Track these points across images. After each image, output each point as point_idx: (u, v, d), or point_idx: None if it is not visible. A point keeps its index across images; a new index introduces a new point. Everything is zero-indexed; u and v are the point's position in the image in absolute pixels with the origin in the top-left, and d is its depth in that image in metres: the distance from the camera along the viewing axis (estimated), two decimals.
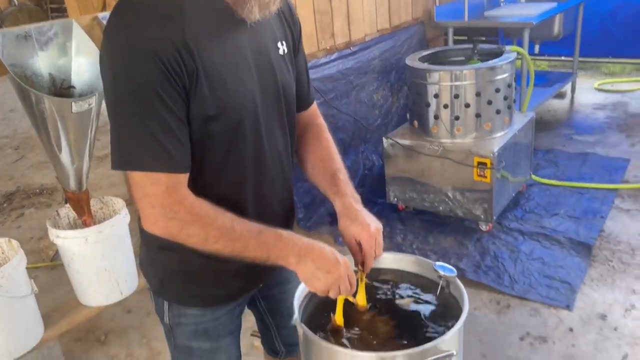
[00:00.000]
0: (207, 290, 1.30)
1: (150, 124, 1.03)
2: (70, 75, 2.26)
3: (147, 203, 1.08)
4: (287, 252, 1.12)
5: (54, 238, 2.33)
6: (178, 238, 1.10)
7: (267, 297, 1.52)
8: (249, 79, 1.16)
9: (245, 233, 1.10)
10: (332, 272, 1.12)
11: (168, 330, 1.36)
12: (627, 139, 4.33)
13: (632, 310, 2.48)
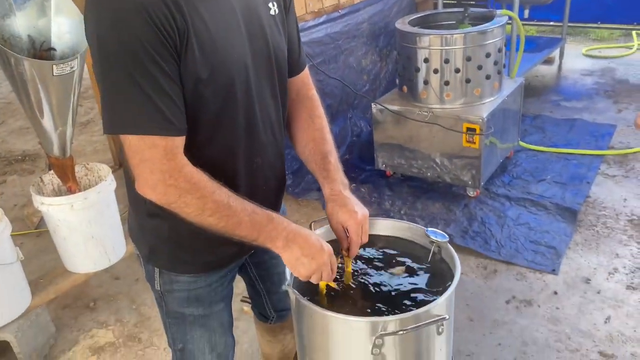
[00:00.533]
0: (198, 257, 1.28)
1: (144, 84, 0.99)
2: (50, 37, 2.18)
3: (146, 168, 1.04)
4: (276, 235, 1.13)
5: (38, 205, 2.30)
6: (174, 206, 1.08)
7: (258, 264, 1.52)
8: (239, 41, 1.13)
9: (240, 210, 1.10)
10: (316, 259, 1.14)
11: (159, 296, 1.36)
12: (614, 105, 4.35)
13: (615, 274, 2.53)
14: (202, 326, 1.37)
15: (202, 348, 1.39)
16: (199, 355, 1.39)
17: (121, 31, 0.97)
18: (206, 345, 1.39)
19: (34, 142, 4.61)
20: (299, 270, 1.15)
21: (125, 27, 0.96)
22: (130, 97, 1.00)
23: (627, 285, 2.45)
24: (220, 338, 1.41)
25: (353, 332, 1.12)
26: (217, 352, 1.42)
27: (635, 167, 3.40)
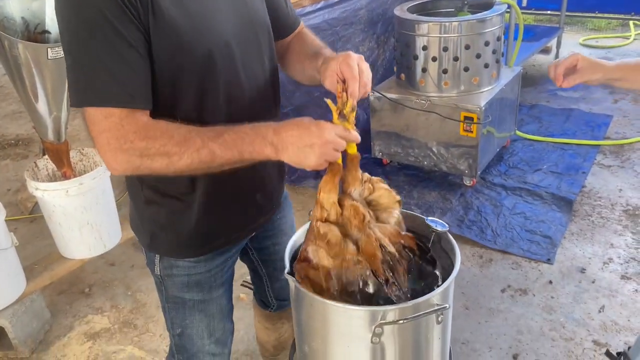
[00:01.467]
0: (197, 241, 1.28)
1: (104, 57, 0.98)
2: (44, 19, 2.15)
3: (103, 140, 1.01)
4: (260, 145, 1.03)
5: (33, 190, 2.27)
6: (143, 168, 1.03)
7: (261, 249, 1.52)
8: (216, 9, 1.11)
9: (207, 139, 1.02)
10: (316, 142, 1.01)
11: (159, 282, 1.36)
12: (610, 95, 4.35)
13: (610, 264, 2.54)
14: (201, 311, 1.36)
15: (201, 333, 1.39)
16: (197, 340, 1.39)
17: (82, 4, 0.97)
18: (205, 330, 1.39)
19: (28, 126, 4.56)
20: (307, 163, 1.03)
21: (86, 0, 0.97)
22: (89, 70, 0.99)
23: (622, 275, 2.47)
24: (219, 323, 1.41)
25: (353, 321, 1.12)
26: (216, 337, 1.42)
27: (631, 158, 3.41)
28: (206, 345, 1.41)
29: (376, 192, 1.25)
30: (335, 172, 1.14)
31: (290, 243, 1.28)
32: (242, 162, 1.05)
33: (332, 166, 1.13)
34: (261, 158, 1.04)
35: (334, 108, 1.11)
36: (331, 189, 1.16)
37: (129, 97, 1.01)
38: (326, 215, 1.17)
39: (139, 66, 1.02)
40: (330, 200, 1.17)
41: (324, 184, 1.16)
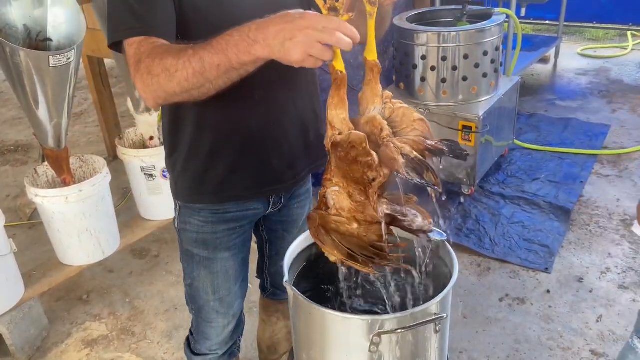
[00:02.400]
0: (207, 188, 1.37)
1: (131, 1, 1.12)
2: (46, 27, 2.16)
3: (131, 68, 1.11)
4: (244, 45, 0.96)
5: (32, 197, 2.28)
6: (153, 87, 1.07)
7: (271, 230, 1.60)
8: None
9: (198, 48, 1.02)
10: (296, 35, 0.91)
11: (178, 234, 1.51)
12: (608, 105, 4.37)
13: (608, 273, 2.55)
14: (206, 268, 1.47)
15: (206, 288, 1.50)
16: (203, 295, 1.51)
17: None
18: (209, 286, 1.49)
19: (27, 132, 4.57)
20: (291, 59, 0.92)
21: None
22: (118, 12, 1.15)
23: (619, 284, 2.47)
24: (223, 283, 1.50)
25: (351, 330, 1.12)
26: (220, 296, 1.51)
27: (628, 168, 3.43)
28: (211, 301, 1.51)
29: (396, 112, 1.12)
30: (339, 84, 1.03)
31: (290, 249, 1.29)
32: (234, 69, 1.00)
33: (334, 77, 1.03)
34: (251, 59, 0.97)
35: (320, 2, 0.97)
36: (338, 103, 1.05)
37: (147, 28, 1.12)
38: (335, 136, 1.05)
39: (160, 5, 1.14)
40: (341, 117, 1.06)
41: (331, 99, 1.05)
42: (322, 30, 0.90)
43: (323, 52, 0.92)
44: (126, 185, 3.04)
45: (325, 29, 0.90)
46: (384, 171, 1.03)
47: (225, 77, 1.02)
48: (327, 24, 0.90)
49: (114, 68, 4.93)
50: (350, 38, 0.91)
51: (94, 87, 3.72)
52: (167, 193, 2.64)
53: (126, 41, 1.13)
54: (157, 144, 2.72)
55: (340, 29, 0.90)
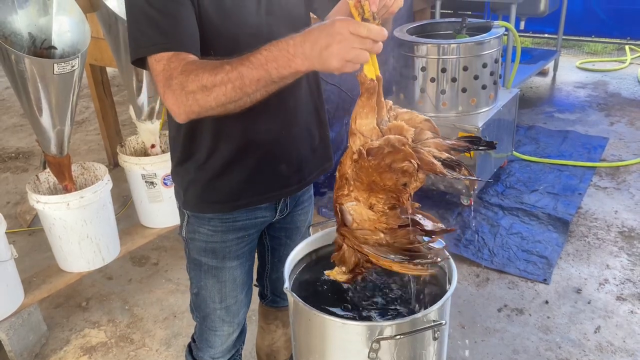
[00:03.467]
0: (219, 197, 1.38)
1: (153, 14, 1.12)
2: (51, 35, 2.19)
3: (159, 83, 1.11)
4: (284, 60, 1.00)
5: (34, 203, 2.29)
6: (188, 103, 1.08)
7: (274, 237, 1.62)
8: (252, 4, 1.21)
9: (235, 63, 1.04)
10: (330, 43, 0.94)
11: (185, 243, 1.51)
12: (606, 118, 4.40)
13: (606, 285, 2.56)
14: (214, 276, 1.48)
15: (213, 297, 1.51)
16: (209, 303, 1.52)
17: None
18: (216, 294, 1.50)
19: (28, 139, 4.59)
20: (330, 67, 0.96)
21: None
22: (140, 25, 1.14)
23: (617, 296, 2.48)
24: (230, 292, 1.51)
25: (350, 336, 1.13)
26: (226, 304, 1.52)
27: (626, 180, 3.45)
28: (217, 309, 1.52)
29: (400, 117, 1.14)
30: (371, 92, 1.04)
31: (291, 256, 1.30)
32: (274, 83, 1.03)
33: (365, 86, 1.03)
34: (291, 72, 1.01)
35: (355, 12, 0.99)
36: (368, 112, 1.05)
37: (173, 43, 1.12)
38: (369, 143, 1.05)
39: (184, 18, 1.14)
40: (370, 126, 1.06)
41: (360, 108, 1.05)
42: (354, 36, 0.93)
43: (359, 56, 0.95)
44: (127, 192, 3.06)
45: (356, 35, 0.93)
46: (420, 175, 1.05)
47: (263, 90, 1.05)
48: (357, 29, 0.93)
49: (116, 77, 4.97)
50: (380, 40, 0.95)
51: (96, 95, 3.74)
52: (167, 201, 2.68)
53: (152, 57, 1.12)
54: (158, 151, 2.74)
55: (370, 34, 0.93)
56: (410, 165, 1.03)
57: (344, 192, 1.10)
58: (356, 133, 1.06)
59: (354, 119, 1.06)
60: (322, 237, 1.37)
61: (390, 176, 1.04)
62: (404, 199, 1.08)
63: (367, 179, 1.06)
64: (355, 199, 1.09)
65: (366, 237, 1.11)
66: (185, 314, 2.54)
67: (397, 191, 1.06)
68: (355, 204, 1.10)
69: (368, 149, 1.04)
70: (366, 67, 1.01)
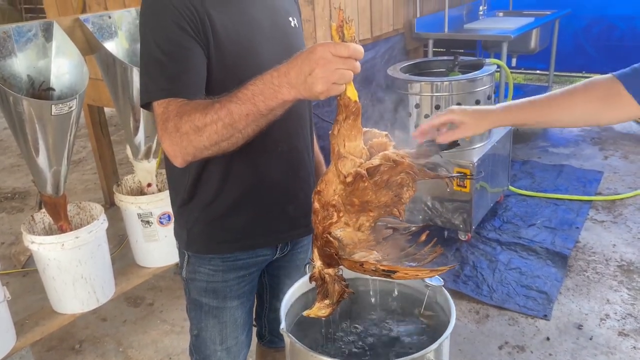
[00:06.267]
0: (225, 237, 1.38)
1: (161, 57, 1.15)
2: (49, 77, 2.22)
3: (158, 128, 1.13)
4: (270, 92, 1.00)
5: (28, 244, 2.27)
6: (182, 144, 1.09)
7: (273, 276, 1.60)
8: (262, 40, 1.24)
9: (224, 101, 1.05)
10: (313, 68, 0.95)
11: (185, 284, 1.49)
12: (600, 152, 4.44)
13: (607, 320, 2.53)
14: (215, 317, 1.46)
15: (214, 338, 1.48)
16: (210, 345, 1.49)
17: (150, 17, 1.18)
18: (217, 336, 1.48)
19: (25, 179, 4.59)
20: (316, 93, 0.96)
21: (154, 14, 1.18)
22: (150, 70, 1.17)
23: (619, 331, 2.45)
24: (231, 332, 1.48)
25: None
26: (227, 346, 1.49)
27: (623, 213, 3.45)
28: (218, 351, 1.50)
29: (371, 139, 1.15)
30: (356, 114, 1.03)
31: (287, 296, 1.28)
32: (263, 116, 1.03)
33: (350, 109, 1.02)
34: (278, 103, 1.01)
35: (335, 35, 0.99)
36: (356, 134, 1.04)
37: (178, 89, 1.14)
38: (358, 166, 1.04)
39: (191, 64, 1.16)
40: (359, 147, 1.06)
41: (347, 132, 1.04)
42: (336, 57, 0.94)
43: (344, 76, 0.96)
44: (122, 232, 3.04)
45: (338, 56, 0.94)
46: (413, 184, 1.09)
47: (254, 125, 1.06)
48: (338, 50, 0.95)
49: (114, 116, 5.01)
50: (360, 59, 0.97)
51: (93, 134, 3.77)
52: (163, 240, 2.66)
53: (156, 102, 1.15)
54: (154, 190, 2.74)
55: (352, 53, 0.95)
56: (410, 177, 1.06)
57: (333, 220, 1.08)
58: (347, 156, 1.05)
59: (341, 143, 1.05)
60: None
61: (387, 192, 1.06)
62: (400, 210, 1.10)
63: (360, 199, 1.06)
64: (345, 224, 1.08)
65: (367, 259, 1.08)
66: (181, 356, 2.48)
67: (392, 204, 1.08)
68: (345, 230, 1.09)
69: (367, 168, 1.04)
70: (349, 90, 1.02)
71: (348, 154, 1.05)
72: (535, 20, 4.61)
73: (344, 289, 1.15)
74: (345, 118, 1.03)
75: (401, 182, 1.07)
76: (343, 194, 1.06)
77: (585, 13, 5.36)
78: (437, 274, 1.12)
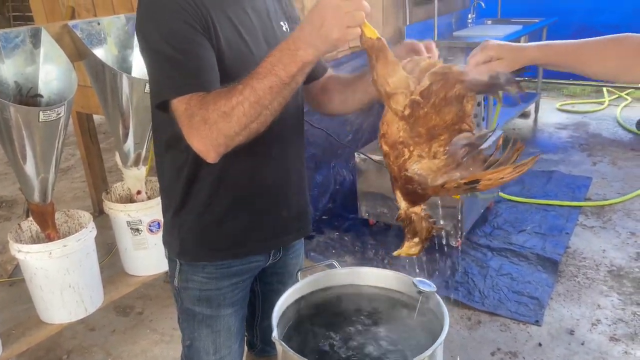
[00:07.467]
0: (219, 244, 1.36)
1: (176, 55, 1.11)
2: (37, 84, 2.19)
3: (184, 124, 1.10)
4: (288, 57, 1.02)
5: (15, 252, 2.24)
6: (212, 136, 1.07)
7: (265, 283, 1.57)
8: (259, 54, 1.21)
9: (245, 80, 1.06)
10: (324, 18, 0.98)
11: (176, 293, 1.46)
12: (588, 158, 4.48)
13: (598, 325, 2.53)
14: (208, 326, 1.44)
15: (207, 348, 1.46)
16: (203, 355, 1.46)
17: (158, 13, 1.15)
18: (210, 345, 1.45)
19: (12, 187, 4.53)
20: (333, 40, 0.98)
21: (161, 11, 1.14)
22: (164, 68, 1.14)
23: (610, 336, 2.45)
24: (225, 341, 1.46)
25: None
26: (220, 356, 1.47)
27: (612, 219, 3.47)
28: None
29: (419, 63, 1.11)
30: (384, 50, 1.03)
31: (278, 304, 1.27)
32: (286, 85, 1.04)
33: (375, 47, 1.02)
34: (298, 67, 1.03)
35: None
36: (394, 67, 1.03)
37: (199, 82, 1.11)
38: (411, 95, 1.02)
39: (207, 58, 1.14)
40: (403, 77, 1.04)
41: (384, 69, 1.03)
42: (342, 2, 0.97)
43: (355, 17, 0.98)
44: (111, 240, 3.01)
45: (344, 1, 0.97)
46: (471, 94, 1.06)
47: (279, 98, 1.06)
48: None
49: (103, 124, 4.97)
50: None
51: (82, 142, 3.74)
52: (152, 248, 2.63)
53: (176, 100, 1.11)
54: (144, 198, 2.71)
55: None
56: (465, 85, 1.02)
57: (405, 156, 1.06)
58: (395, 91, 1.03)
59: (384, 83, 1.03)
60: (311, 283, 1.34)
61: (449, 109, 1.03)
62: (468, 123, 1.07)
63: (426, 127, 1.04)
64: (419, 156, 1.06)
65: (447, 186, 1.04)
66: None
67: (458, 121, 1.05)
68: (420, 162, 1.06)
69: (420, 92, 1.02)
70: (367, 31, 1.02)
71: (396, 89, 1.03)
72: (524, 28, 4.66)
73: (432, 226, 1.14)
74: (376, 59, 1.03)
75: (458, 94, 1.03)
76: (407, 128, 1.05)
77: (572, 21, 5.42)
78: (522, 170, 1.03)
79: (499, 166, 1.03)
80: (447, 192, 1.04)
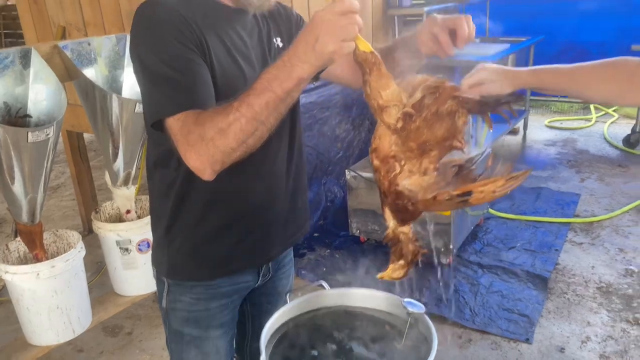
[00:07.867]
0: (209, 262, 1.36)
1: (171, 73, 1.11)
2: (26, 104, 2.19)
3: (179, 142, 1.09)
4: (285, 74, 1.02)
5: (2, 273, 2.22)
6: (209, 152, 1.06)
7: (255, 304, 1.56)
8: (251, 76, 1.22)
9: (241, 97, 1.05)
10: (318, 33, 0.98)
11: (165, 314, 1.44)
12: (577, 174, 4.52)
13: (588, 342, 2.54)
14: (196, 347, 1.42)
15: None
16: None
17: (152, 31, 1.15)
18: None
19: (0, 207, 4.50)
20: (328, 53, 0.98)
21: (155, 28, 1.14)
22: (158, 86, 1.13)
23: (600, 354, 2.46)
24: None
25: None
26: None
27: (600, 235, 3.50)
28: None
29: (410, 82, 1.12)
30: (377, 64, 1.04)
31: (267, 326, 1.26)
32: (282, 101, 1.05)
33: (369, 60, 1.03)
34: (294, 83, 1.03)
35: None
36: (387, 81, 1.04)
37: (194, 100, 1.11)
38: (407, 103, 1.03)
39: (202, 75, 1.14)
40: (396, 91, 1.05)
41: (377, 82, 1.04)
42: (336, 15, 0.97)
43: (349, 31, 0.98)
44: (100, 259, 2.98)
45: (337, 13, 0.97)
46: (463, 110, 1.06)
47: (275, 113, 1.06)
48: (335, 8, 0.97)
49: (93, 142, 4.96)
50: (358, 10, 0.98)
51: (72, 160, 3.72)
52: (142, 267, 2.61)
53: (171, 118, 1.11)
54: (133, 217, 2.70)
55: (348, 7, 0.97)
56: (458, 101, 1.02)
57: (396, 171, 1.06)
58: (388, 105, 1.04)
59: (377, 96, 1.04)
60: (301, 304, 1.34)
61: (441, 124, 1.04)
62: (459, 139, 1.07)
63: (417, 141, 1.04)
64: (409, 172, 1.06)
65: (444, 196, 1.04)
66: None
67: (450, 137, 1.05)
68: (411, 178, 1.06)
69: (413, 105, 1.03)
70: (360, 45, 1.02)
71: (389, 102, 1.04)
72: (511, 46, 4.72)
73: (418, 249, 1.14)
74: (369, 72, 1.04)
75: (451, 109, 1.04)
76: (399, 142, 1.05)
77: (558, 39, 5.51)
78: (513, 183, 1.04)
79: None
80: (439, 205, 1.04)
